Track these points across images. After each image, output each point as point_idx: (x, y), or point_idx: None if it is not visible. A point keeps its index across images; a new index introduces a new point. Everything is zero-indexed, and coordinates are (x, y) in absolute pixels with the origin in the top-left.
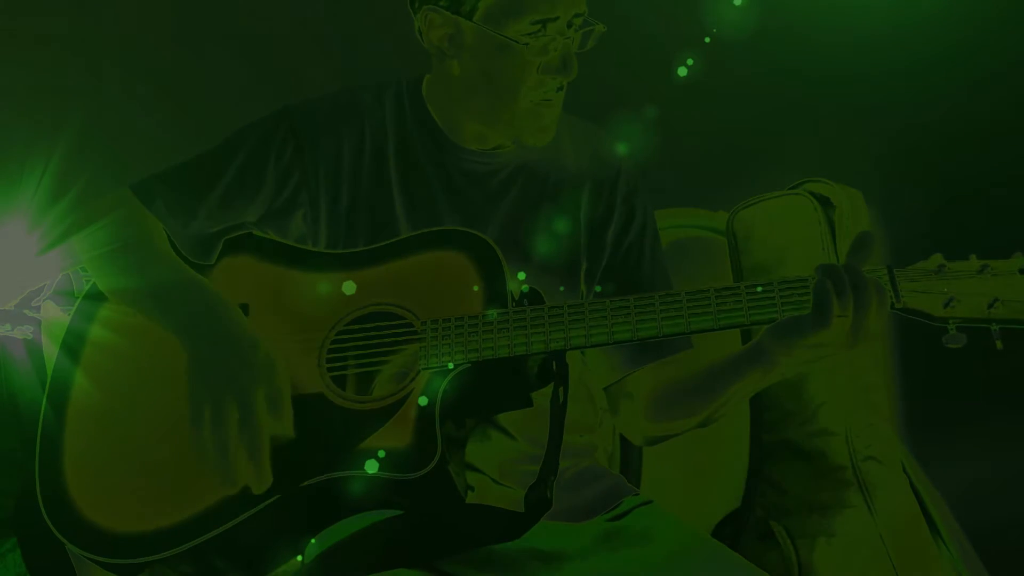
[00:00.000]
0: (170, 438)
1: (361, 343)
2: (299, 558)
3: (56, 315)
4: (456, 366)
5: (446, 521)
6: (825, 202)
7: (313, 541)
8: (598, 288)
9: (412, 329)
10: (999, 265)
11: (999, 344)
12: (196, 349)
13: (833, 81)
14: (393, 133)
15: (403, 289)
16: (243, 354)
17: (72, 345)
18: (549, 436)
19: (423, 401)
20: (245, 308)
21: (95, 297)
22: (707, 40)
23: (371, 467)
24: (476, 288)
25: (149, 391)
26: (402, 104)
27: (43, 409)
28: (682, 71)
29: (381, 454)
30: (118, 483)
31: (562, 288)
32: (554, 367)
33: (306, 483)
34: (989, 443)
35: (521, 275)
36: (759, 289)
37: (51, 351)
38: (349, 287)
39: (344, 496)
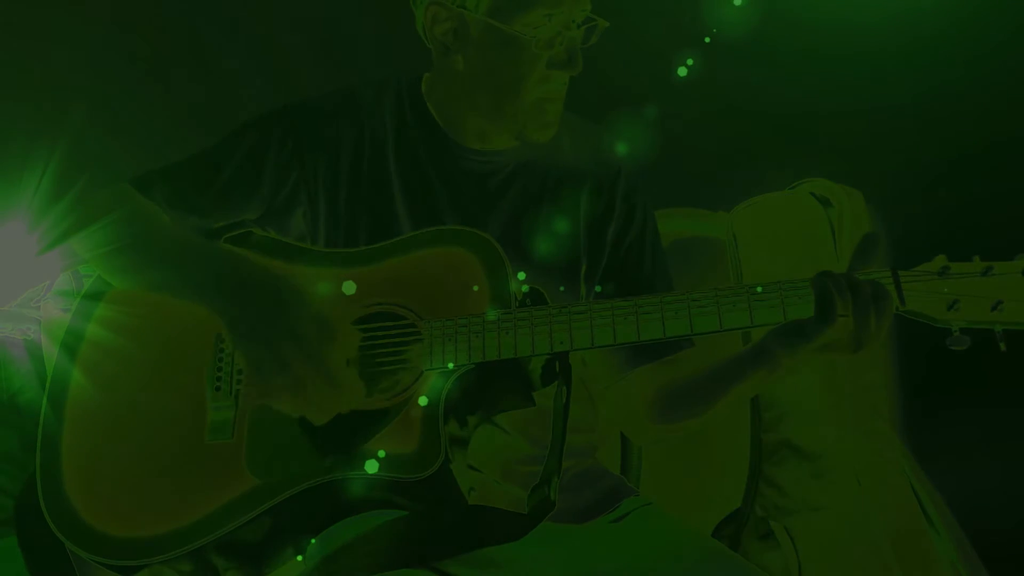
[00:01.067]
0: (171, 439)
1: (364, 343)
2: (299, 558)
3: (56, 315)
4: (458, 367)
5: (449, 522)
6: (825, 202)
7: (314, 541)
8: (598, 288)
9: (415, 330)
10: (1003, 266)
11: (1002, 346)
12: (229, 311)
13: (834, 81)
14: (393, 132)
15: (404, 288)
16: (274, 297)
17: (72, 345)
18: (552, 436)
19: (424, 402)
20: None
21: (95, 296)
22: (707, 40)
23: (371, 467)
24: (477, 287)
25: (150, 391)
26: (402, 102)
27: (43, 409)
28: (682, 71)
29: (381, 454)
30: (118, 485)
31: (562, 288)
32: (557, 367)
33: (308, 484)
34: (989, 443)
35: (521, 275)
36: (759, 289)
37: (51, 351)
38: (349, 287)
39: (346, 497)
